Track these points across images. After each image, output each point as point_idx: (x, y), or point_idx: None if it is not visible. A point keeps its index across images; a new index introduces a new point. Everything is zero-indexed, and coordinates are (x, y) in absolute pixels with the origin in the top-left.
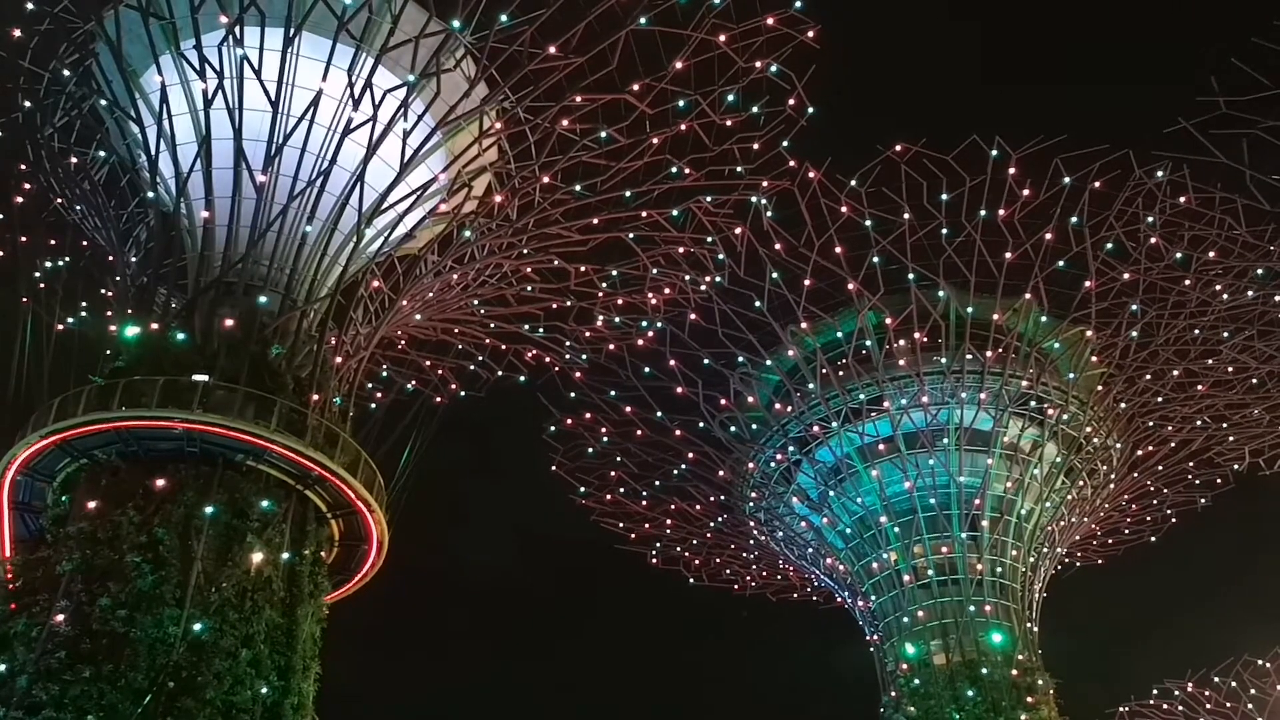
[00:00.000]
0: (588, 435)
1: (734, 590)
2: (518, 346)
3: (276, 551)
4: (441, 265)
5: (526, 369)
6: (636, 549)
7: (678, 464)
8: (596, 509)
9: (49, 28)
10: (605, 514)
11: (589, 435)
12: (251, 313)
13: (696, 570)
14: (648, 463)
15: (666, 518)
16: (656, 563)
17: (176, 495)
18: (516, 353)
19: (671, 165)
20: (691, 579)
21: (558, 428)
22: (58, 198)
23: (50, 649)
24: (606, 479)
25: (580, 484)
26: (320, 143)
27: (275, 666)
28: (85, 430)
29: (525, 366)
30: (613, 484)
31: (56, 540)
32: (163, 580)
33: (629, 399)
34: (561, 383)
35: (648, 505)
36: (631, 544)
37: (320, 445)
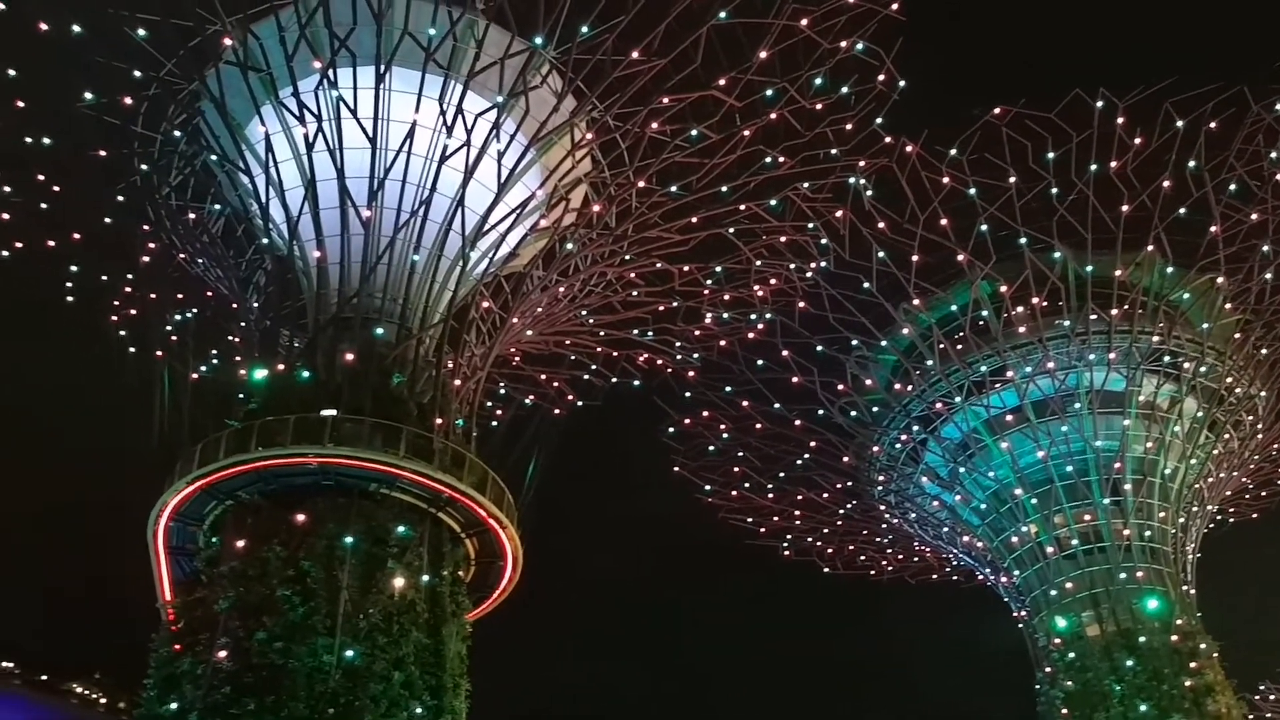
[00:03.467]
0: (707, 433)
1: (870, 576)
2: (629, 352)
3: (416, 574)
4: (547, 280)
5: (640, 373)
6: (767, 543)
7: (800, 454)
8: (723, 506)
9: (157, 91)
10: (732, 510)
11: (708, 433)
12: (370, 345)
13: (830, 559)
14: (770, 455)
15: (794, 509)
16: (789, 555)
17: (317, 528)
18: (629, 358)
19: (765, 156)
20: (826, 568)
21: (676, 429)
22: (180, 253)
23: (215, 685)
24: (730, 475)
25: (704, 482)
26: (419, 173)
27: (427, 687)
28: (227, 473)
29: (638, 371)
30: (737, 480)
31: (211, 580)
32: (313, 611)
33: (745, 393)
34: (676, 384)
35: (774, 498)
36: (761, 538)
37: (448, 467)
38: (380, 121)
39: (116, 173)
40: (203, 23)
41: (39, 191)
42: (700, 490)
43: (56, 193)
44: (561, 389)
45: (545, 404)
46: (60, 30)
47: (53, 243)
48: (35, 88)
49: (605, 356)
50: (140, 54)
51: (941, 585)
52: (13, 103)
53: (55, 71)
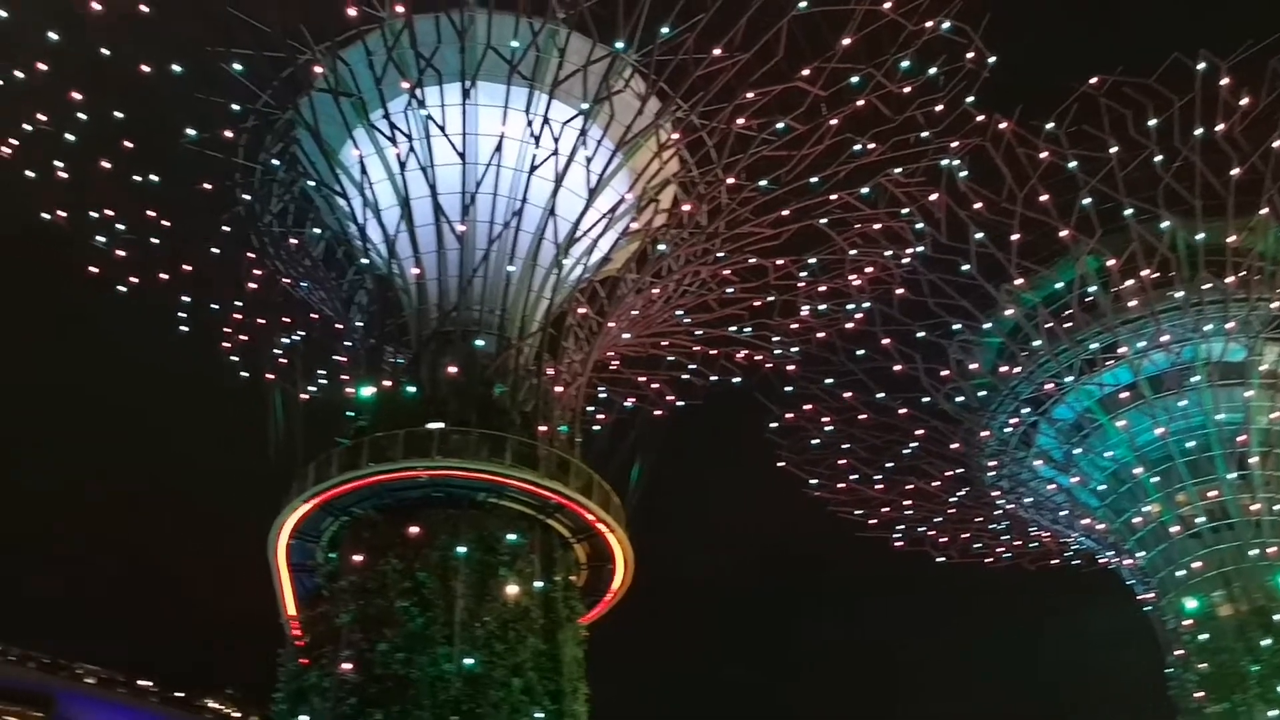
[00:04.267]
0: (810, 427)
1: (986, 563)
2: (727, 350)
3: (529, 581)
4: (641, 282)
5: (739, 370)
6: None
7: (907, 443)
8: (830, 499)
9: (254, 123)
10: (840, 503)
11: (811, 427)
12: (471, 357)
13: (944, 548)
14: (876, 445)
15: (904, 499)
16: (901, 545)
17: (430, 539)
18: (727, 356)
19: (854, 144)
20: (940, 557)
21: (779, 424)
22: (284, 278)
23: (342, 696)
24: (836, 468)
25: (809, 476)
26: (509, 184)
27: (547, 692)
28: (341, 489)
29: (738, 368)
30: (843, 472)
31: (332, 595)
32: (431, 621)
33: (847, 384)
34: (776, 379)
35: (883, 488)
36: (872, 529)
37: (553, 474)
38: (469, 137)
39: (221, 205)
40: (294, 53)
41: (150, 228)
42: (806, 484)
43: (166, 228)
44: (661, 390)
45: (646, 406)
46: (161, 72)
47: (165, 276)
48: (141, 128)
49: (703, 355)
50: (237, 88)
51: (1058, 571)
52: (121, 144)
53: (159, 112)
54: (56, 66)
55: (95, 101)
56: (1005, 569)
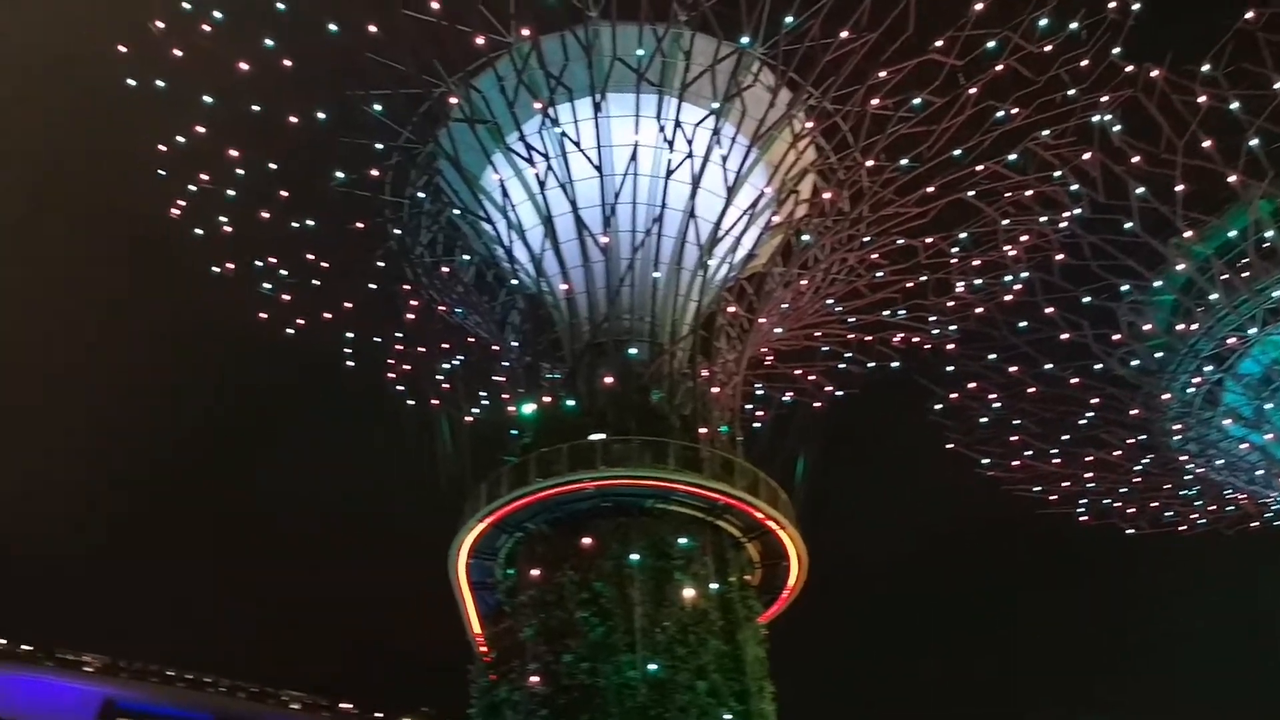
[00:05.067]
0: (977, 405)
1: (1178, 531)
2: (883, 334)
3: (705, 584)
4: (788, 275)
5: (897, 354)
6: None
7: (1082, 413)
8: (1005, 478)
9: (397, 159)
10: (1017, 481)
11: (978, 405)
12: (626, 366)
13: (1132, 519)
14: (1049, 419)
15: (1084, 471)
16: (1086, 520)
17: (603, 549)
18: (883, 341)
19: (996, 111)
20: (1129, 529)
21: (944, 405)
22: (440, 306)
23: (533, 709)
24: (1008, 445)
25: (981, 456)
26: (647, 191)
27: (732, 693)
28: (513, 506)
29: (895, 352)
30: (1016, 449)
31: (513, 610)
32: (612, 629)
33: (1012, 358)
34: (936, 359)
35: (1060, 463)
36: (1053, 506)
37: (718, 475)
38: (604, 149)
39: (374, 241)
40: (429, 88)
41: (310, 270)
42: (979, 465)
43: (325, 268)
44: (818, 382)
45: (805, 399)
46: (308, 121)
47: (328, 315)
48: (293, 176)
49: (858, 343)
50: (379, 128)
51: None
52: (277, 193)
53: (309, 159)
54: (213, 127)
55: (251, 156)
56: (1202, 536)
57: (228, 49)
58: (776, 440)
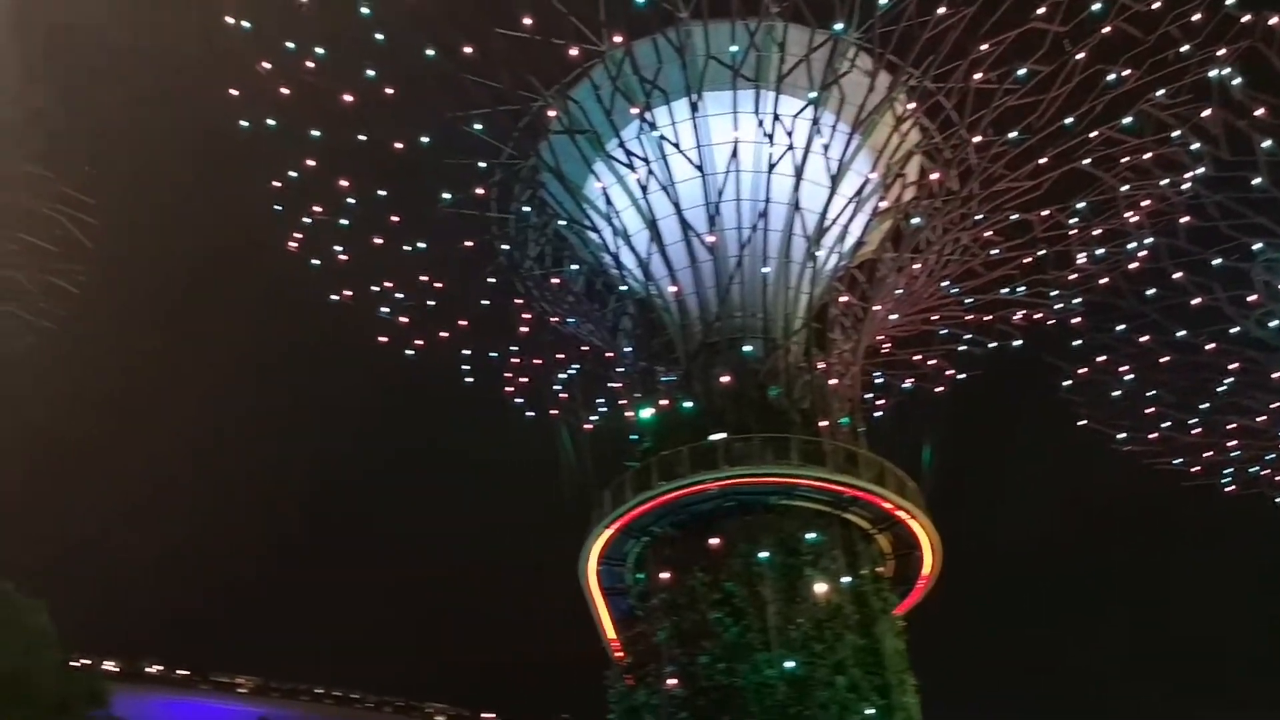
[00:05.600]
0: (1108, 379)
1: None
2: (1003, 313)
3: (836, 578)
4: (900, 260)
5: (1020, 332)
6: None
7: (1221, 379)
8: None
9: (501, 176)
10: (1155, 454)
11: (1109, 379)
12: (741, 363)
13: None
14: (1186, 388)
15: (1227, 440)
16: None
17: (731, 549)
18: (1003, 319)
19: (1106, 74)
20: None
21: (1072, 381)
22: (552, 317)
23: (672, 711)
24: (1144, 418)
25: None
26: (750, 187)
27: (873, 687)
28: (638, 511)
29: (1017, 330)
30: (1152, 421)
31: (646, 614)
32: (746, 629)
33: (1141, 328)
34: (1061, 335)
35: (1201, 433)
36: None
37: (842, 467)
38: (704, 149)
39: (484, 258)
40: (527, 103)
41: (425, 291)
42: (1114, 440)
43: (439, 289)
44: (939, 366)
45: (926, 385)
46: (412, 145)
47: (445, 334)
48: (403, 201)
49: (978, 323)
50: (481, 147)
51: None
52: (388, 219)
53: (416, 182)
54: (323, 159)
55: (360, 184)
56: None
57: (332, 83)
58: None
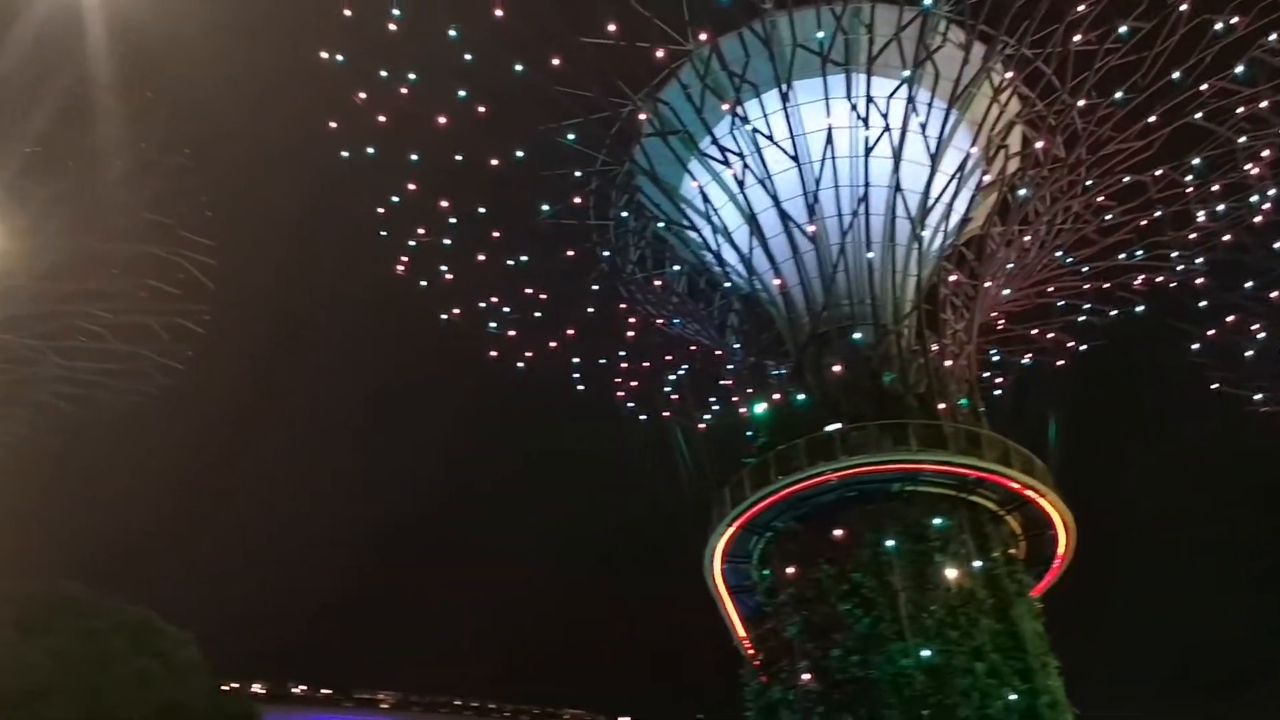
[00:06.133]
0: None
1: None
2: (1122, 279)
3: (966, 562)
4: (1009, 234)
5: (1141, 297)
6: None
7: None
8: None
9: (597, 184)
10: None
11: (1240, 338)
12: (852, 351)
13: None
14: None
15: None
16: None
17: (856, 539)
18: (1123, 286)
19: (1214, 24)
20: None
21: (1201, 343)
22: (657, 319)
23: (809, 707)
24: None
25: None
26: (848, 173)
27: (1014, 671)
28: (759, 507)
29: (1139, 295)
30: None
31: (775, 610)
32: (877, 619)
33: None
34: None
35: None
36: None
37: (964, 450)
38: (798, 138)
39: (586, 266)
40: (617, 108)
41: (530, 304)
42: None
43: (544, 300)
44: (1058, 339)
45: (1047, 359)
46: (507, 160)
47: (553, 344)
48: (503, 216)
49: (1096, 292)
50: (575, 156)
51: None
52: (490, 235)
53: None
54: (423, 182)
55: (460, 204)
56: None
57: (426, 106)
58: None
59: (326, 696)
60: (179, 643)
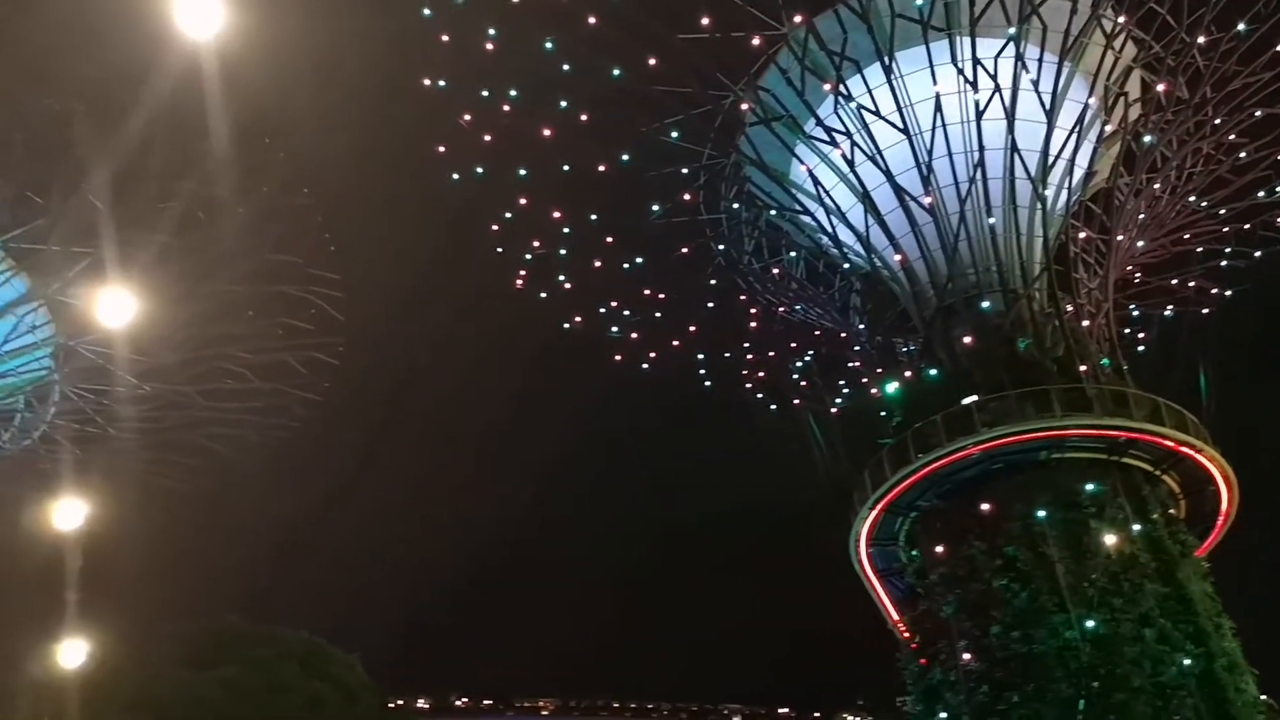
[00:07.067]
0: None
1: None
2: (1264, 218)
3: (1124, 527)
4: (1137, 183)
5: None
6: None
7: None
8: None
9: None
10: None
11: None
12: (983, 321)
13: None
14: None
15: None
16: None
17: (1005, 512)
18: (1265, 225)
19: None
20: None
21: None
22: (778, 307)
23: (973, 687)
24: None
25: None
26: (960, 139)
27: (1186, 636)
28: (900, 488)
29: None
30: None
31: (927, 591)
32: (1036, 593)
33: None
34: None
35: None
36: None
37: (1111, 411)
38: (905, 110)
39: (702, 261)
40: (718, 101)
41: (650, 305)
42: None
43: (662, 300)
44: (1200, 287)
45: (1190, 309)
46: (614, 165)
47: (676, 342)
48: (615, 220)
49: (1236, 234)
50: (681, 153)
51: None
52: (603, 241)
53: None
54: (533, 196)
55: (572, 212)
56: None
57: (529, 120)
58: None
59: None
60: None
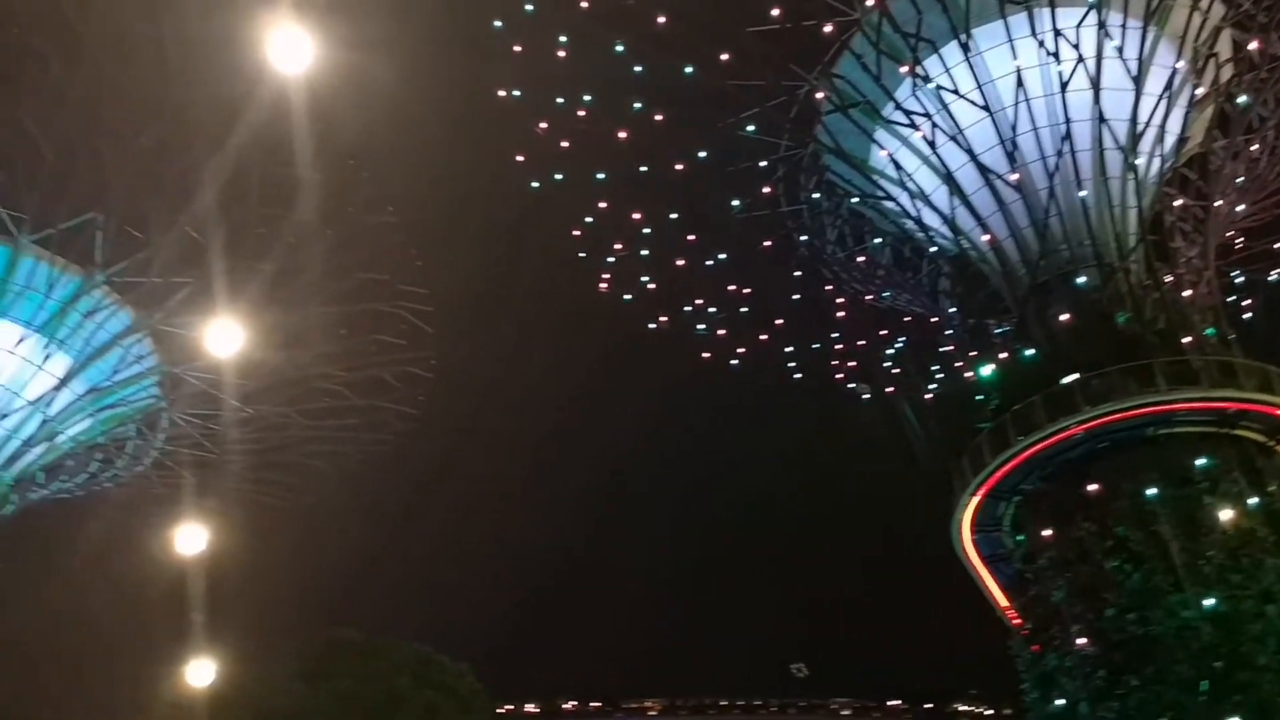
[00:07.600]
0: None
1: None
2: None
3: (1239, 501)
4: (1234, 146)
5: None
6: None
7: None
8: None
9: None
10: None
11: None
12: (1078, 297)
13: None
14: None
15: None
16: None
17: (1113, 492)
18: None
19: None
20: None
21: None
22: (866, 295)
23: (1089, 672)
24: None
25: None
26: (1045, 113)
27: None
28: (1001, 472)
29: None
30: None
31: (1036, 576)
32: (1150, 573)
33: None
34: None
35: None
36: None
37: (1218, 382)
38: (985, 87)
39: (785, 254)
40: (793, 91)
41: (735, 300)
42: None
43: (748, 295)
44: None
45: None
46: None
47: (764, 336)
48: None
49: None
50: (758, 146)
51: None
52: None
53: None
54: (613, 198)
55: (652, 213)
56: None
57: (604, 124)
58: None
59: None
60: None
